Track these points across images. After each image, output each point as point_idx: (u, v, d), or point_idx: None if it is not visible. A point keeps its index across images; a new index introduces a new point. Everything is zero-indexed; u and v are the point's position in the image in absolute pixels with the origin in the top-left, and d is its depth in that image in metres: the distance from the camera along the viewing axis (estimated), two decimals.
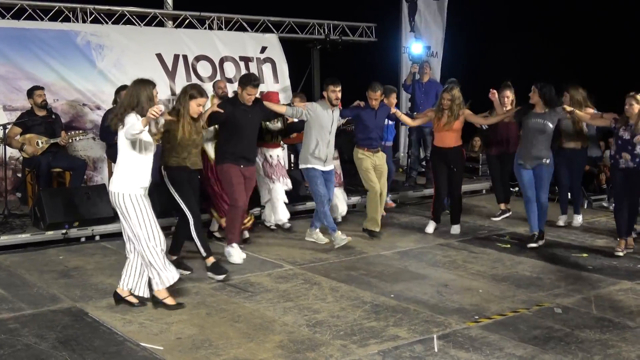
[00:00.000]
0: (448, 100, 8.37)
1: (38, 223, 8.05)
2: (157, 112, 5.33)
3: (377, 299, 6.05)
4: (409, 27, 13.81)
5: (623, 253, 7.62)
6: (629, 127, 7.49)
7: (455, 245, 8.08)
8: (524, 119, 7.99)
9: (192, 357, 4.78)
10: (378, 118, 8.40)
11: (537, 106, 7.89)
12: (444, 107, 8.41)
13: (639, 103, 7.40)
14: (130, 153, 5.60)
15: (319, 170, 7.90)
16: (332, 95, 7.80)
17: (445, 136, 8.48)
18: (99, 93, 10.28)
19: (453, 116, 8.37)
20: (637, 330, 5.33)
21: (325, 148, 7.90)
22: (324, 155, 7.90)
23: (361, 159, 8.40)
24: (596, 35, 14.11)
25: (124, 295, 5.82)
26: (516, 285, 6.50)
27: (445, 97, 8.41)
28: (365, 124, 8.33)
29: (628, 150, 7.52)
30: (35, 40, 9.95)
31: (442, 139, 8.53)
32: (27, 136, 8.64)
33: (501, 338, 5.13)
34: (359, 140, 8.45)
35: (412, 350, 4.90)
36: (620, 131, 7.55)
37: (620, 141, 7.57)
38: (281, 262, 7.28)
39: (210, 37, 11.66)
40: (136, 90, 5.55)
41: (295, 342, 5.06)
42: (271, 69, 12.04)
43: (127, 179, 5.60)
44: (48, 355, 4.81)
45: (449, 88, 8.58)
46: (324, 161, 7.92)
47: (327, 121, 7.88)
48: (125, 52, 10.61)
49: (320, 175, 7.91)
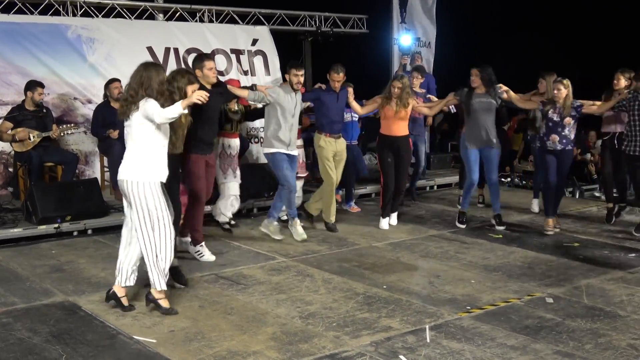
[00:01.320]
0: (398, 89, 8.23)
1: (30, 217, 8.04)
2: (205, 97, 5.27)
3: (369, 290, 6.07)
4: (400, 19, 13.80)
5: (553, 232, 8.08)
6: (557, 109, 7.83)
7: (447, 236, 8.11)
8: (468, 101, 8.23)
9: (185, 350, 4.79)
10: (340, 101, 8.24)
11: (478, 88, 8.18)
12: (394, 95, 8.27)
13: (567, 88, 7.80)
14: (150, 140, 5.33)
15: (285, 153, 7.72)
16: (293, 79, 7.68)
17: (394, 125, 8.35)
18: (89, 87, 10.24)
19: (402, 104, 8.26)
20: (627, 319, 5.37)
21: (289, 132, 7.69)
22: (288, 139, 7.68)
23: (322, 148, 8.20)
24: (588, 22, 14.15)
25: (120, 295, 5.58)
26: (508, 275, 6.53)
27: (395, 85, 8.26)
28: (327, 106, 8.14)
29: (557, 132, 7.90)
30: (26, 34, 9.88)
31: (391, 128, 8.38)
32: (18, 130, 8.63)
33: (493, 328, 5.16)
34: (321, 125, 8.25)
35: (405, 341, 4.92)
36: (550, 113, 7.93)
37: (551, 123, 7.92)
38: (274, 254, 7.29)
39: (201, 29, 11.62)
40: (147, 73, 5.30)
41: (288, 333, 5.07)
42: (262, 62, 12.00)
43: (146, 167, 5.32)
44: (41, 349, 4.81)
45: (399, 76, 8.48)
46: (287, 145, 7.70)
47: (290, 105, 7.69)
48: (116, 46, 10.56)
49: (286, 159, 7.73)
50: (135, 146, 5.36)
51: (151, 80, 5.27)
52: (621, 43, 13.70)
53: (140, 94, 5.25)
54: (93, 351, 4.78)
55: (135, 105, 5.26)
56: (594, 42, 14.07)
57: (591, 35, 14.12)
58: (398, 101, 8.26)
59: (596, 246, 7.58)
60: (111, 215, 8.46)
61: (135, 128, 5.32)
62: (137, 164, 5.33)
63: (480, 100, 8.19)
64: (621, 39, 13.75)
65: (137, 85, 5.27)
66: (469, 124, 8.33)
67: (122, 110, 5.35)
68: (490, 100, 8.18)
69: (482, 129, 8.20)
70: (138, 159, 5.33)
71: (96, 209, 8.28)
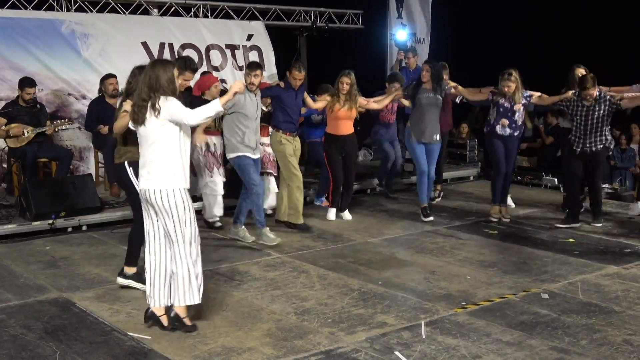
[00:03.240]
0: (347, 85, 8.13)
1: (24, 213, 8.00)
2: (242, 89, 5.06)
3: (364, 286, 6.06)
4: (396, 14, 13.78)
5: (497, 219, 8.39)
6: (508, 97, 8.07)
7: (442, 232, 8.10)
8: (415, 96, 8.37)
9: (180, 347, 4.78)
10: (298, 99, 8.06)
11: (426, 83, 8.32)
12: (342, 92, 8.16)
13: (516, 81, 8.04)
14: (175, 142, 4.91)
15: (250, 158, 7.40)
16: (247, 79, 7.35)
17: (341, 123, 8.29)
18: (84, 82, 10.21)
19: (352, 102, 8.19)
20: (623, 314, 5.37)
21: (254, 135, 7.35)
22: (254, 143, 7.37)
23: (284, 145, 7.94)
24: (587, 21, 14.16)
25: (158, 314, 5.06)
26: (503, 271, 6.52)
27: (344, 81, 8.14)
28: (286, 104, 7.91)
29: (507, 117, 8.15)
30: (19, 30, 9.84)
31: (337, 127, 8.32)
32: (12, 126, 8.60)
33: (488, 324, 5.15)
34: (280, 123, 7.98)
35: (400, 337, 4.91)
36: (501, 101, 8.16)
37: (501, 108, 8.16)
38: (269, 250, 7.27)
39: (196, 25, 11.59)
40: (155, 71, 4.88)
41: (283, 330, 5.06)
42: (257, 57, 11.96)
43: (174, 172, 4.89)
44: (35, 345, 4.79)
45: (347, 72, 8.30)
46: (253, 149, 7.39)
47: (252, 107, 7.34)
48: (111, 41, 10.53)
49: (252, 163, 7.40)
50: (157, 151, 4.89)
51: (159, 80, 4.87)
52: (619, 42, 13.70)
53: (152, 96, 4.84)
54: (87, 348, 4.76)
55: (153, 108, 4.83)
56: (593, 41, 14.06)
57: (591, 34, 14.12)
58: (348, 98, 8.16)
59: (591, 242, 7.58)
60: (106, 211, 8.43)
61: (157, 131, 4.85)
62: (162, 170, 4.89)
63: (428, 96, 8.35)
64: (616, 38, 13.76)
65: (147, 88, 4.87)
66: (415, 118, 8.47)
67: (136, 117, 4.91)
68: (437, 95, 8.36)
69: (428, 124, 8.36)
70: (163, 164, 4.89)
71: (90, 204, 8.24)
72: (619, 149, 11.51)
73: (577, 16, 14.23)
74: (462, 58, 8.58)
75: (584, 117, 7.93)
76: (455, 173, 11.53)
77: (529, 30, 14.71)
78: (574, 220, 8.20)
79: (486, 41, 14.60)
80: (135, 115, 4.91)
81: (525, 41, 14.33)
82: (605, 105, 7.86)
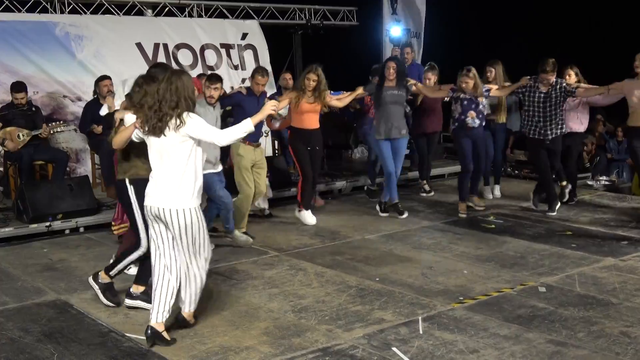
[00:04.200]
0: (314, 82, 7.93)
1: (21, 216, 8.00)
2: (276, 110, 5.03)
3: (362, 283, 6.06)
4: (390, 10, 13.78)
5: (465, 215, 8.48)
6: (469, 93, 8.23)
7: (440, 227, 8.10)
8: (379, 94, 8.38)
9: (178, 347, 4.78)
10: (260, 105, 7.46)
11: (391, 81, 8.30)
12: (309, 88, 7.97)
13: (474, 78, 8.20)
14: (193, 158, 4.74)
15: (214, 173, 6.96)
16: (207, 91, 7.07)
17: (307, 117, 8.07)
18: (79, 84, 10.21)
19: (319, 97, 8.01)
20: (620, 306, 5.37)
21: (213, 150, 6.70)
22: (213, 157, 6.92)
23: (241, 157, 7.57)
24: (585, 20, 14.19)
25: (160, 330, 4.84)
26: (500, 265, 6.53)
27: (310, 77, 7.94)
28: (248, 112, 6.99)
29: (473, 109, 8.25)
30: (13, 32, 9.85)
31: (303, 121, 8.14)
32: (7, 129, 8.58)
33: (486, 318, 5.16)
34: None
35: (397, 333, 4.92)
36: (462, 95, 8.27)
37: (465, 101, 8.26)
38: (266, 248, 7.27)
39: (190, 24, 11.59)
40: (182, 81, 4.67)
41: (281, 328, 5.07)
42: (252, 56, 11.99)
43: (190, 190, 4.72)
44: (33, 348, 4.79)
45: (314, 68, 8.10)
46: (213, 164, 6.97)
47: (211, 120, 6.67)
48: (105, 42, 10.54)
49: (217, 179, 7.01)
50: (173, 167, 4.69)
51: (187, 90, 4.67)
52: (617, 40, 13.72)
53: (179, 107, 4.62)
54: (85, 349, 4.76)
55: (178, 119, 4.61)
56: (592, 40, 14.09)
57: (589, 34, 14.14)
58: (315, 93, 8.00)
59: (588, 234, 7.58)
60: (103, 212, 8.42)
61: (176, 146, 4.66)
62: (178, 188, 4.70)
63: (392, 93, 8.32)
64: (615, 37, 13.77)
65: (175, 97, 4.61)
66: (380, 115, 8.42)
67: (155, 127, 4.63)
68: (401, 93, 8.35)
69: (393, 121, 8.33)
70: (179, 181, 4.70)
71: (87, 206, 8.24)
72: (616, 141, 11.52)
73: (573, 10, 14.23)
74: (456, 53, 8.58)
75: (541, 104, 8.15)
76: (452, 168, 11.49)
77: (524, 25, 14.71)
78: (554, 200, 8.43)
79: (481, 36, 14.60)
80: (155, 125, 4.63)
81: (520, 36, 14.34)
82: (561, 93, 8.11)
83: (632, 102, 7.85)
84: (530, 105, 8.25)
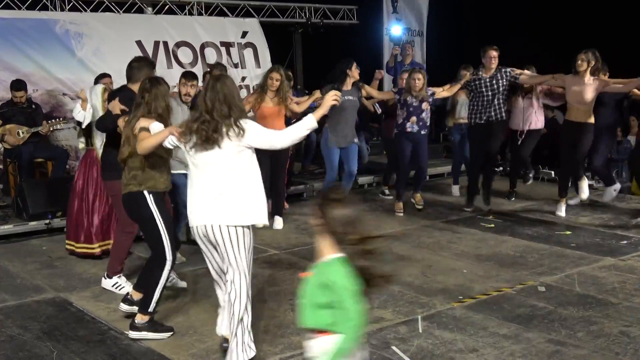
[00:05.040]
0: (277, 81, 7.68)
1: (21, 214, 8.00)
2: (337, 100, 4.33)
3: None
4: (390, 9, 13.78)
5: (401, 213, 8.64)
6: (414, 96, 8.34)
7: (439, 226, 8.10)
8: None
9: (177, 344, 4.78)
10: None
11: (346, 85, 8.09)
12: (272, 88, 7.70)
13: (423, 78, 8.31)
14: (250, 171, 4.29)
15: (184, 174, 5.77)
16: (182, 89, 6.74)
17: (269, 121, 7.38)
18: (79, 82, 10.14)
19: (281, 98, 7.74)
20: (619, 306, 5.37)
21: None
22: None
23: None
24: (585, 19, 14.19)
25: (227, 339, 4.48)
26: (500, 264, 6.53)
27: (274, 77, 7.68)
28: None
29: (416, 115, 8.40)
30: (13, 30, 9.83)
31: (265, 125, 7.82)
32: (7, 127, 8.58)
33: (485, 317, 5.16)
34: None
35: (397, 332, 4.92)
36: (409, 99, 8.38)
37: (411, 108, 8.37)
38: (266, 247, 7.27)
39: (190, 22, 11.58)
40: (228, 86, 4.27)
41: (280, 326, 5.07)
42: (252, 54, 11.97)
43: (247, 206, 4.28)
44: (32, 345, 4.79)
45: (276, 67, 7.93)
46: (186, 164, 6.64)
47: (180, 119, 5.98)
48: (105, 40, 10.51)
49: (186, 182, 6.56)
50: (231, 180, 4.23)
51: (234, 98, 4.27)
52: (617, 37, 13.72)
53: (232, 114, 4.21)
54: (84, 347, 4.76)
55: (236, 127, 4.18)
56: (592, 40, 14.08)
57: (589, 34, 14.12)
58: (277, 95, 7.74)
59: (588, 234, 7.58)
60: None
61: (233, 157, 4.22)
62: (234, 204, 4.23)
63: (349, 98, 7.98)
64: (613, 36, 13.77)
65: (226, 105, 4.21)
66: (334, 121, 8.01)
67: (206, 138, 4.20)
68: (355, 98, 8.18)
69: (347, 126, 8.16)
70: (236, 196, 4.24)
71: None
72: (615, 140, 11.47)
73: (573, 10, 14.24)
74: (457, 51, 8.57)
75: (484, 89, 8.28)
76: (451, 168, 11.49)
77: (526, 23, 14.70)
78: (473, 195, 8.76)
79: (482, 34, 14.58)
80: (209, 136, 4.18)
81: (521, 34, 14.33)
82: (504, 78, 8.26)
83: (568, 97, 8.04)
84: (476, 94, 8.37)
